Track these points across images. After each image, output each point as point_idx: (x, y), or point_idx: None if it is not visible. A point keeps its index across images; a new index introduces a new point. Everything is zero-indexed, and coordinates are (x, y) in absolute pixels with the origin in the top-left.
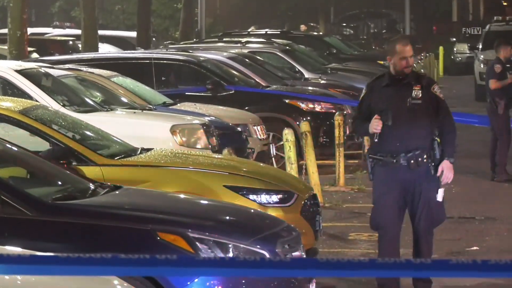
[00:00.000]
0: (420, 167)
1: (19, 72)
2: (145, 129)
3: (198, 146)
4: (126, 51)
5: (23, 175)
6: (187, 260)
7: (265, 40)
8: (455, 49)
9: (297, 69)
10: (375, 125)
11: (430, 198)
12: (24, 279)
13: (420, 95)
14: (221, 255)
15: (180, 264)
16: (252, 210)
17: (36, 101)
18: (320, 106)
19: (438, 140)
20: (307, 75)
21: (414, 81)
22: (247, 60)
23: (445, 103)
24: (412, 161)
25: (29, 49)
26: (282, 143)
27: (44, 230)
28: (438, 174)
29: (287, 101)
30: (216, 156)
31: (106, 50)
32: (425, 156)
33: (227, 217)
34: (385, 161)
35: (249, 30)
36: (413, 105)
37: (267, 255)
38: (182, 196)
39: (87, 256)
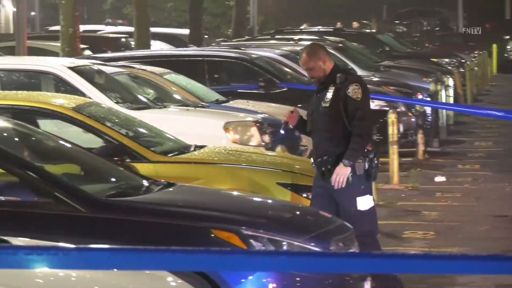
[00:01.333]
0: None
1: (72, 69)
2: (198, 126)
3: (251, 143)
4: (178, 49)
5: (76, 172)
6: (243, 253)
7: (317, 38)
8: (508, 47)
9: (349, 67)
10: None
11: (346, 207)
12: (78, 275)
13: (329, 99)
14: None
15: (236, 258)
16: (306, 208)
17: (89, 98)
18: (373, 104)
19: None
20: (359, 72)
21: (333, 83)
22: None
23: (359, 104)
24: (323, 168)
25: (82, 46)
26: None
27: (97, 227)
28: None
29: None
30: (269, 154)
31: (158, 47)
32: (335, 164)
33: (281, 215)
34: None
35: (301, 27)
36: (323, 109)
37: None
38: (235, 193)
39: (142, 248)
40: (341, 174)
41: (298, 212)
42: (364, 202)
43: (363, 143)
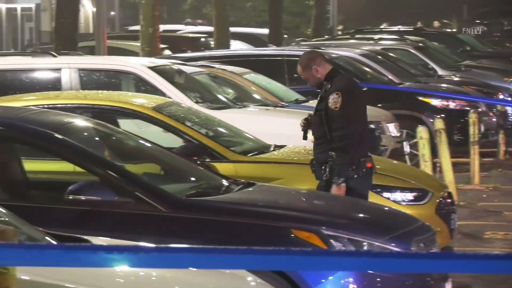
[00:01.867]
0: (321, 181)
1: (152, 69)
2: (278, 126)
3: None
4: (258, 48)
5: (157, 172)
6: (324, 253)
7: (397, 37)
8: None
9: (430, 66)
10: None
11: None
12: (159, 275)
13: (318, 106)
14: None
15: (316, 258)
16: (386, 208)
17: (169, 98)
18: (454, 104)
19: (333, 154)
20: (440, 72)
21: (325, 91)
22: (379, 57)
23: (335, 115)
24: (314, 174)
25: (161, 46)
26: (415, 140)
27: (177, 226)
28: None
29: (420, 98)
30: None
31: (237, 47)
32: (322, 170)
33: (361, 215)
34: None
35: (381, 26)
36: (313, 116)
37: None
38: (315, 193)
39: (222, 248)
40: (338, 193)
41: (378, 212)
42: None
43: (345, 155)
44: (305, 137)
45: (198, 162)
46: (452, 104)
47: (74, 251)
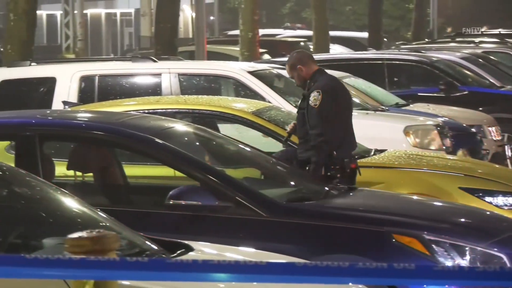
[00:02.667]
0: None
1: (252, 73)
2: (378, 130)
3: (432, 147)
4: (357, 52)
5: (257, 176)
6: (426, 270)
7: (498, 40)
8: None
9: None
10: None
11: None
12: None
13: (301, 105)
14: (458, 258)
15: (419, 274)
16: (488, 212)
17: (269, 102)
18: None
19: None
20: None
21: (308, 89)
22: (480, 60)
23: (313, 112)
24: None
25: (261, 50)
26: None
27: (278, 231)
28: None
29: None
30: (451, 158)
31: (337, 51)
32: (307, 168)
33: (463, 219)
34: None
35: (482, 29)
36: (297, 115)
37: (505, 259)
38: (416, 197)
39: (324, 264)
40: None
41: (480, 217)
42: None
43: (320, 154)
44: (285, 141)
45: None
46: None
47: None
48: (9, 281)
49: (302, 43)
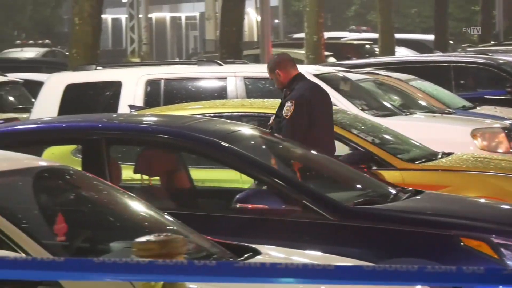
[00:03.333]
0: None
1: (317, 76)
2: (445, 133)
3: (500, 150)
4: (423, 54)
5: (323, 180)
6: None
7: None
8: None
9: None
10: None
11: None
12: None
13: (277, 112)
14: None
15: (489, 278)
16: None
17: (335, 105)
18: None
19: None
20: None
21: (285, 97)
22: None
23: (284, 123)
24: None
25: (326, 53)
26: None
27: (345, 234)
28: None
29: None
30: None
31: (403, 53)
32: None
33: None
34: None
35: None
36: (274, 122)
37: None
38: (483, 201)
39: (393, 268)
40: None
41: None
42: None
43: None
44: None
45: (364, 169)
46: None
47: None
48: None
49: (367, 46)
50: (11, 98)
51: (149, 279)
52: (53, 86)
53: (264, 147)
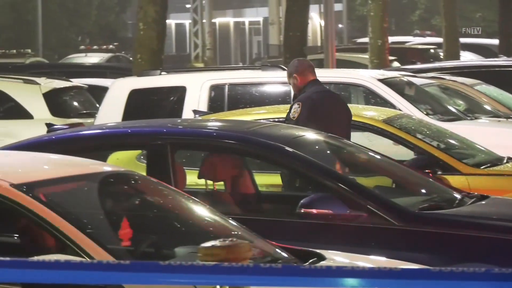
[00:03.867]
0: None
1: (382, 81)
2: (511, 138)
3: None
4: (488, 59)
5: (388, 185)
6: None
7: None
8: None
9: None
10: None
11: None
12: None
13: (287, 116)
14: None
15: None
16: None
17: (399, 110)
18: None
19: None
20: None
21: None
22: None
23: (291, 124)
24: None
25: (390, 58)
26: None
27: (410, 240)
28: None
29: None
30: None
31: (467, 58)
32: None
33: None
34: None
35: None
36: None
37: None
38: None
39: (459, 270)
40: None
41: None
42: None
43: None
44: None
45: (429, 174)
46: None
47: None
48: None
49: (431, 51)
50: (75, 103)
51: (215, 282)
52: (118, 92)
53: (328, 152)
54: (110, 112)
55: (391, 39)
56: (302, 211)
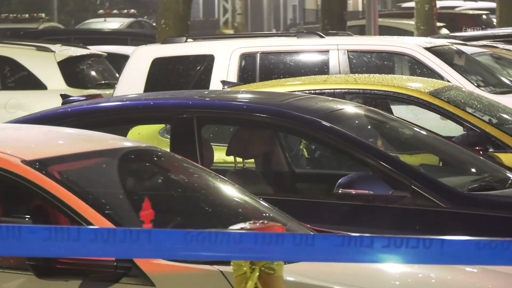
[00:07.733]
0: None
1: (429, 49)
2: None
3: None
4: None
5: (435, 163)
6: None
7: None
8: None
9: None
10: None
11: None
12: (438, 276)
13: None
14: None
15: None
16: None
17: (448, 81)
18: None
19: None
20: None
21: None
22: None
23: None
24: None
25: (438, 24)
26: None
27: (458, 223)
28: None
29: None
30: None
31: None
32: None
33: None
34: None
35: None
36: None
37: None
38: None
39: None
40: None
41: None
42: None
43: None
44: None
45: (480, 152)
46: None
47: (343, 244)
48: None
49: (484, 16)
50: (93, 73)
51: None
52: (139, 60)
53: (369, 127)
54: (131, 83)
55: (439, 3)
56: (340, 191)
